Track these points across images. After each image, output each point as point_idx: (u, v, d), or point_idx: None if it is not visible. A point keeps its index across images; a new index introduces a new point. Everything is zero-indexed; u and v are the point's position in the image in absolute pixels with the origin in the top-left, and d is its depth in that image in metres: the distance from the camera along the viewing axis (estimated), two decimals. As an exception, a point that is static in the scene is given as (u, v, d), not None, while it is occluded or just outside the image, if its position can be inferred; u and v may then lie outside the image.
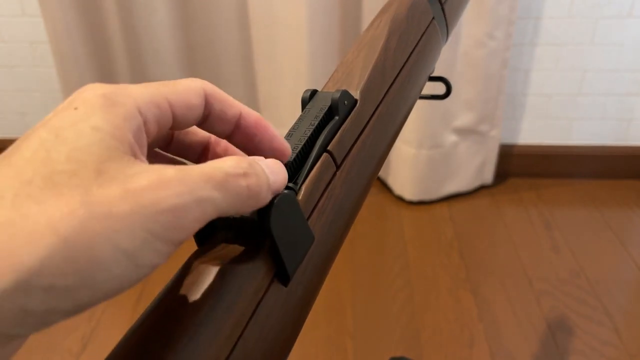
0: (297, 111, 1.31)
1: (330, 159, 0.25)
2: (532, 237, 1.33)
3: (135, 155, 0.18)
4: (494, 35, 1.26)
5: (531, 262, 1.25)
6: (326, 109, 0.26)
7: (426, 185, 1.43)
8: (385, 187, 1.51)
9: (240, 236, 0.21)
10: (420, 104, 1.32)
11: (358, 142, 0.27)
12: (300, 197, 0.23)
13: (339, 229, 0.25)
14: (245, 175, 0.18)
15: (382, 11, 0.33)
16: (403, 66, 0.31)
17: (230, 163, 0.18)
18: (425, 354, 1.02)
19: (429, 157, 1.39)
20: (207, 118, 0.22)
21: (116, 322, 1.10)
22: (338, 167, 0.25)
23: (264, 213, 0.20)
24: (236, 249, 0.21)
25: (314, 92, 0.27)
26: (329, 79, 0.30)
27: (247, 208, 0.19)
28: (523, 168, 1.54)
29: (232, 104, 0.22)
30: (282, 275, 0.21)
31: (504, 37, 1.28)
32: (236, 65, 1.41)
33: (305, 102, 0.27)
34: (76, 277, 0.15)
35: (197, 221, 0.17)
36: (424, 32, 0.34)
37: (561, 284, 1.18)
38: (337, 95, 0.26)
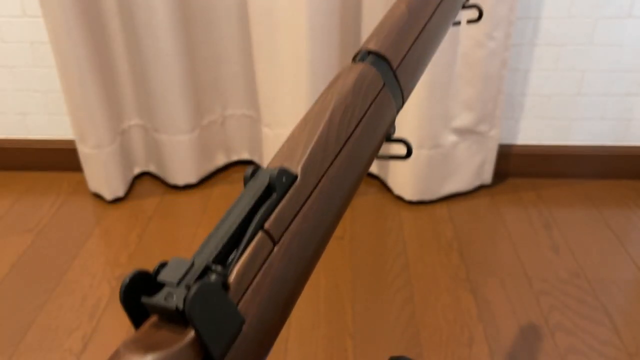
0: (297, 112, 1.31)
1: (266, 236, 0.25)
2: (532, 237, 1.33)
3: None
4: (493, 35, 1.26)
5: (531, 261, 1.25)
6: (264, 187, 0.26)
7: (426, 185, 1.43)
8: (384, 187, 1.51)
9: (171, 320, 0.22)
10: (420, 103, 1.33)
11: (298, 216, 0.27)
12: (231, 278, 0.23)
13: (280, 302, 0.26)
14: None
15: (330, 84, 0.34)
16: (348, 138, 0.31)
17: None
18: (425, 354, 1.03)
19: (428, 157, 1.39)
20: None
21: (117, 321, 1.10)
22: (275, 243, 0.26)
23: (185, 301, 0.21)
24: (164, 335, 0.21)
25: (255, 170, 0.28)
26: (276, 154, 0.30)
27: None
28: (522, 168, 1.55)
29: None
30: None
31: (503, 38, 1.28)
32: (236, 65, 1.41)
33: (247, 180, 0.27)
34: None
35: None
36: (372, 102, 0.34)
37: (561, 283, 1.19)
38: (275, 172, 0.27)
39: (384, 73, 0.35)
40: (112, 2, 1.30)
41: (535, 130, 1.51)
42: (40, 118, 1.56)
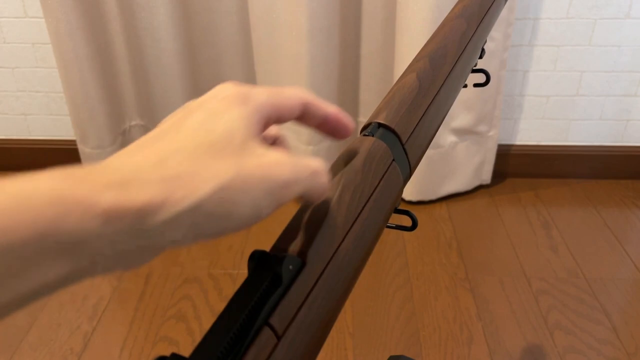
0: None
1: (271, 331, 0.24)
2: (531, 237, 1.34)
3: (258, 138, 0.24)
4: (493, 36, 1.27)
5: (529, 261, 1.25)
6: (270, 277, 0.25)
7: (425, 185, 1.43)
8: (384, 187, 1.51)
9: None
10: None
11: (303, 307, 0.26)
12: None
13: None
14: (322, 174, 0.26)
15: (339, 158, 0.33)
16: (357, 218, 0.31)
17: (317, 163, 0.25)
18: (425, 353, 1.03)
19: (428, 157, 1.39)
20: (300, 116, 0.28)
21: (118, 321, 1.10)
22: (279, 338, 0.25)
23: None
24: None
25: (261, 254, 0.27)
26: (282, 233, 0.30)
27: (314, 196, 0.26)
28: (521, 168, 1.55)
29: (320, 108, 0.29)
30: None
31: (502, 38, 1.29)
32: (236, 66, 1.42)
33: (251, 266, 0.27)
34: (224, 210, 0.22)
35: (293, 194, 0.24)
36: (381, 179, 0.33)
37: (559, 283, 1.19)
38: (282, 259, 0.26)
39: (393, 147, 0.35)
40: (113, 3, 1.30)
41: (534, 131, 1.52)
42: (42, 118, 1.56)
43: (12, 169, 1.62)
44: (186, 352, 0.22)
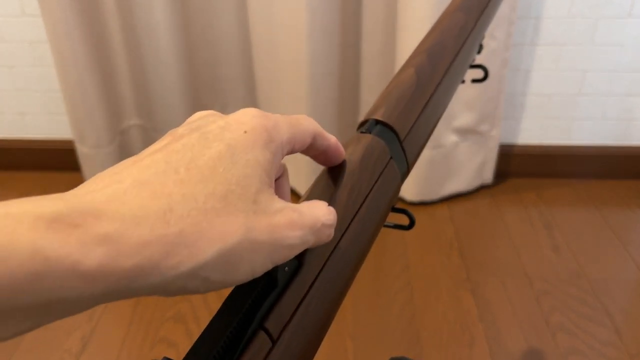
0: (297, 112, 1.31)
1: (266, 335, 0.24)
2: (532, 237, 1.33)
3: (272, 188, 0.23)
4: (494, 35, 1.26)
5: (531, 262, 1.25)
6: (265, 278, 0.24)
7: (427, 185, 1.43)
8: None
9: None
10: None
11: (299, 310, 0.26)
12: None
13: None
14: (330, 226, 0.24)
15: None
16: (354, 217, 0.30)
17: (325, 214, 0.24)
18: (425, 354, 1.02)
19: (429, 157, 1.39)
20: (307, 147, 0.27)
21: (115, 322, 1.10)
22: (274, 342, 0.24)
23: None
24: None
25: None
26: None
27: (315, 245, 0.24)
28: (523, 168, 1.54)
29: (325, 139, 0.28)
30: None
31: (504, 37, 1.28)
32: (236, 66, 1.41)
33: None
34: (219, 275, 0.20)
35: (293, 255, 0.23)
36: (378, 177, 0.32)
37: (561, 284, 1.18)
38: None
39: (390, 145, 0.34)
40: (111, 2, 1.29)
41: (536, 130, 1.51)
42: (39, 118, 1.55)
43: (9, 168, 1.61)
44: (185, 354, 0.21)
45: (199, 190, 0.20)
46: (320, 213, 0.24)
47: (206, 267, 0.19)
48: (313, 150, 0.28)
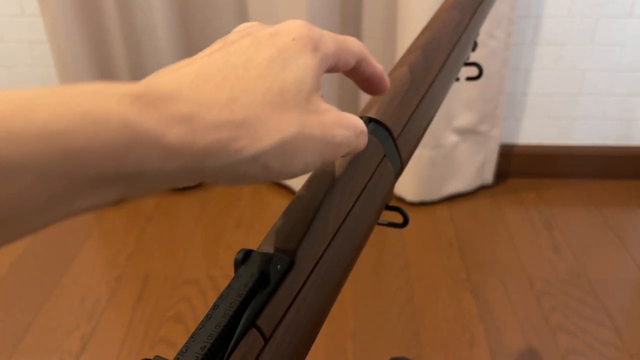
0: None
1: (258, 333, 0.24)
2: (533, 237, 1.33)
3: (320, 91, 0.24)
4: (494, 34, 1.26)
5: (532, 262, 1.24)
6: (256, 276, 0.24)
7: (427, 186, 1.43)
8: (385, 187, 1.50)
9: None
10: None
11: (292, 308, 0.25)
12: None
13: None
14: (366, 135, 0.27)
15: None
16: (347, 215, 0.30)
17: (361, 122, 0.26)
18: (425, 355, 1.02)
19: (429, 157, 1.39)
20: (351, 69, 0.28)
21: (116, 322, 1.09)
22: (267, 340, 0.24)
23: None
24: None
25: (247, 254, 0.26)
26: (271, 230, 0.28)
27: (352, 153, 0.27)
28: (523, 168, 1.54)
29: (371, 65, 0.29)
30: None
31: (504, 37, 1.28)
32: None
33: (237, 265, 0.26)
34: (278, 164, 0.22)
35: (340, 155, 0.25)
36: (372, 175, 0.32)
37: (562, 284, 1.18)
38: (269, 259, 0.25)
39: (384, 143, 0.34)
40: (110, 1, 1.29)
41: (536, 130, 1.51)
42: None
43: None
44: None
45: (258, 85, 0.21)
46: (358, 121, 0.26)
47: (266, 155, 0.21)
48: (357, 74, 0.29)
